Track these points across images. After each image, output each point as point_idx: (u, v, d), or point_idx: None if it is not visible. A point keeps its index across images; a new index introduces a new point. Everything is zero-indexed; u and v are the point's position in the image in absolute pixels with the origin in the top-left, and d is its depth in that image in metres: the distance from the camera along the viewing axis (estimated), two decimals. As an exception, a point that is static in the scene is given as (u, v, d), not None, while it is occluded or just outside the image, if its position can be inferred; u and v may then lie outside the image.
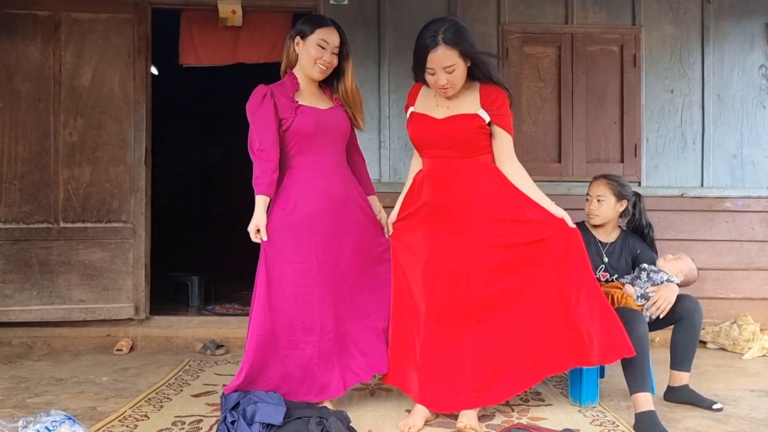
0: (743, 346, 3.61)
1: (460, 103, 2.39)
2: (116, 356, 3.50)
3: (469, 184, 2.37)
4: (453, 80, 2.32)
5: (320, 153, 2.47)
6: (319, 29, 2.43)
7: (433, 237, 2.41)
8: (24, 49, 3.74)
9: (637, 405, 2.37)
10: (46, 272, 3.73)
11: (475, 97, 2.39)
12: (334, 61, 2.46)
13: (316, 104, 2.49)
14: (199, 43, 3.95)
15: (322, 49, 2.42)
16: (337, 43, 2.45)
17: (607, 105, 3.98)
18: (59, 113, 3.75)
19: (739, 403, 2.71)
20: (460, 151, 2.38)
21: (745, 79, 4.01)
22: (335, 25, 2.49)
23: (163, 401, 2.64)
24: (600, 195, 2.76)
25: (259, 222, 2.37)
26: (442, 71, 2.29)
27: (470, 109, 2.37)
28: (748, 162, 4.01)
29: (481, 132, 2.38)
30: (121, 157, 3.80)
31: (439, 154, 2.41)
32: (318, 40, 2.42)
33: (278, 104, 2.43)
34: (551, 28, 3.97)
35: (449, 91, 2.35)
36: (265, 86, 2.47)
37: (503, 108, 2.39)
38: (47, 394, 2.76)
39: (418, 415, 2.38)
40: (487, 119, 2.37)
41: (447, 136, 2.37)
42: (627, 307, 2.54)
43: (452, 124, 2.37)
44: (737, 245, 3.97)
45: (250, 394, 2.20)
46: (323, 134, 2.46)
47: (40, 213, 3.74)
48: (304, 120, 2.42)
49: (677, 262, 2.73)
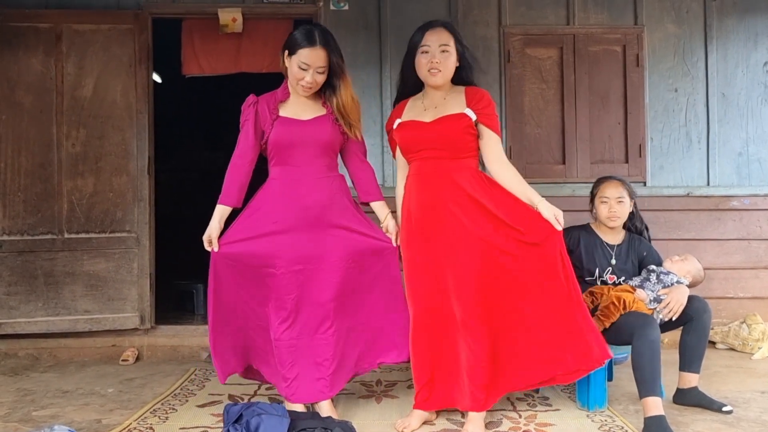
0: (753, 346, 3.58)
1: (447, 104, 2.45)
2: (122, 366, 3.50)
3: (458, 184, 2.40)
4: (445, 62, 2.40)
5: (298, 164, 2.46)
6: (301, 50, 2.38)
7: (425, 240, 2.42)
8: (26, 61, 3.75)
9: (646, 409, 2.35)
10: (51, 283, 3.74)
11: (461, 99, 2.45)
12: (318, 79, 2.42)
13: (299, 115, 2.48)
14: (201, 52, 3.95)
15: (302, 71, 2.39)
16: (321, 63, 2.39)
17: (610, 105, 3.95)
18: (62, 124, 3.76)
19: (750, 405, 2.68)
20: (449, 151, 2.42)
21: (749, 77, 3.98)
22: (323, 42, 2.39)
23: (169, 412, 2.63)
24: (620, 196, 2.74)
25: (211, 233, 2.43)
26: (438, 49, 2.39)
27: (457, 110, 2.43)
28: (754, 160, 3.97)
29: (469, 132, 2.43)
30: (124, 167, 3.80)
31: (429, 155, 2.44)
32: (299, 62, 2.39)
33: (261, 115, 2.46)
34: (553, 29, 3.95)
35: (438, 75, 2.40)
36: (254, 96, 2.50)
37: (489, 108, 2.45)
38: (53, 407, 2.76)
39: (415, 416, 2.42)
40: (474, 118, 2.42)
41: (436, 137, 2.41)
42: (639, 312, 2.51)
43: (441, 125, 2.42)
44: (745, 244, 3.93)
45: (253, 405, 2.19)
46: (302, 146, 2.45)
47: (44, 224, 3.75)
48: (280, 131, 2.44)
49: (684, 263, 2.72)
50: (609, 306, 2.53)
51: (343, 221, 2.49)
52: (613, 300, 2.53)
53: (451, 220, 2.38)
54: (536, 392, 2.84)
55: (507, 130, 3.91)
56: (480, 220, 2.37)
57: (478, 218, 2.37)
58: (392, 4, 3.92)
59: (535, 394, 2.83)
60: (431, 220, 2.40)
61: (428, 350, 2.43)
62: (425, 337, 2.43)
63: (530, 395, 2.80)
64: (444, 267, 2.38)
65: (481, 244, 2.35)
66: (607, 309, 2.52)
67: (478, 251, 2.35)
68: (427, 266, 2.41)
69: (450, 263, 2.37)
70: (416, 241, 2.44)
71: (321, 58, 2.39)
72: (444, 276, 2.38)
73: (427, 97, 2.50)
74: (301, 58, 2.38)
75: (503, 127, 3.90)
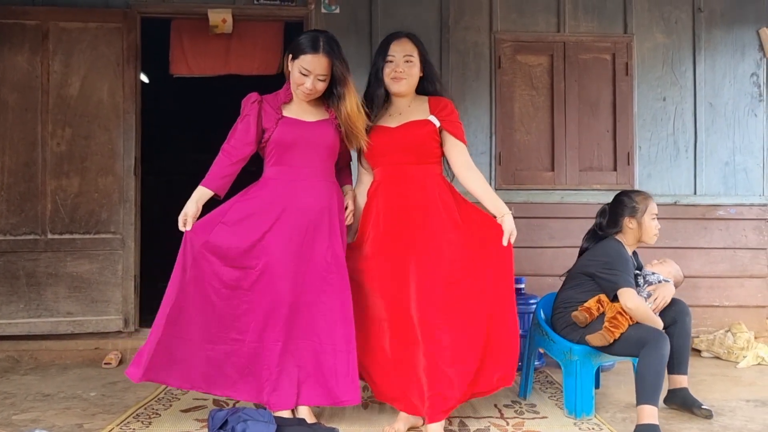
0: (738, 355, 3.60)
1: (412, 112, 2.54)
2: (105, 370, 3.44)
3: (423, 189, 2.47)
4: (409, 71, 2.50)
5: (297, 165, 2.45)
6: (303, 56, 2.37)
7: (388, 242, 2.44)
8: (11, 59, 3.69)
9: (642, 416, 2.35)
10: (33, 284, 3.67)
11: (425, 107, 2.55)
12: (318, 86, 2.41)
13: (302, 116, 2.48)
14: (189, 53, 3.91)
15: (303, 77, 2.39)
16: (322, 71, 2.38)
17: (599, 113, 3.97)
18: (47, 123, 3.70)
19: (735, 414, 2.69)
20: (414, 155, 2.49)
21: (736, 87, 4.02)
22: (327, 50, 2.38)
23: (152, 417, 2.59)
24: (657, 213, 2.78)
25: (188, 212, 2.39)
26: (402, 59, 2.49)
27: (421, 116, 2.52)
28: (740, 169, 4.01)
29: (433, 138, 2.50)
30: (110, 167, 3.75)
31: (395, 160, 2.50)
32: (300, 68, 2.39)
33: (264, 114, 2.45)
34: (543, 36, 3.97)
35: (402, 83, 2.49)
36: (258, 95, 2.49)
37: (453, 115, 2.54)
38: (33, 411, 2.70)
39: (401, 420, 2.43)
40: (438, 124, 2.50)
41: (402, 142, 2.49)
42: (653, 327, 2.50)
43: (406, 130, 2.49)
44: (730, 253, 3.97)
45: (239, 411, 2.16)
46: (303, 147, 2.45)
47: (27, 224, 3.68)
48: (283, 131, 2.44)
49: (664, 265, 2.83)
50: (617, 316, 2.50)
51: (334, 228, 2.46)
52: (619, 310, 2.52)
53: (420, 224, 2.42)
54: (524, 399, 2.84)
55: (496, 136, 3.91)
56: (446, 225, 2.43)
57: (444, 223, 2.43)
58: (383, 8, 3.91)
59: (522, 400, 2.82)
60: (401, 223, 2.44)
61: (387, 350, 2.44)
62: (388, 336, 2.44)
63: (517, 402, 2.80)
64: (409, 270, 2.39)
65: (448, 249, 2.40)
66: (615, 320, 2.50)
67: (445, 256, 2.39)
68: (393, 268, 2.42)
69: (415, 266, 2.38)
70: (384, 242, 2.45)
71: (323, 65, 2.38)
72: (407, 280, 2.39)
73: (393, 105, 2.57)
74: (303, 63, 2.37)
75: (493, 133, 3.91)
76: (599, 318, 2.57)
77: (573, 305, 2.65)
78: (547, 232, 3.88)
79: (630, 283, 2.55)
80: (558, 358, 2.69)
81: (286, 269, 2.38)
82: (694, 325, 2.92)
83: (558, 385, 3.07)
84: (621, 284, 2.53)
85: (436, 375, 2.31)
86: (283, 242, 2.39)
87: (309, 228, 2.41)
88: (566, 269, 2.84)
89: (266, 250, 2.39)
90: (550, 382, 3.16)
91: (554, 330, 2.73)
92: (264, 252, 2.39)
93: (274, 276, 2.38)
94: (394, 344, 2.42)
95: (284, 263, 2.38)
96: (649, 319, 2.51)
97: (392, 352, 2.43)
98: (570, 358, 2.60)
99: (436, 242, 2.40)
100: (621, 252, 2.65)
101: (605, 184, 3.93)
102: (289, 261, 2.39)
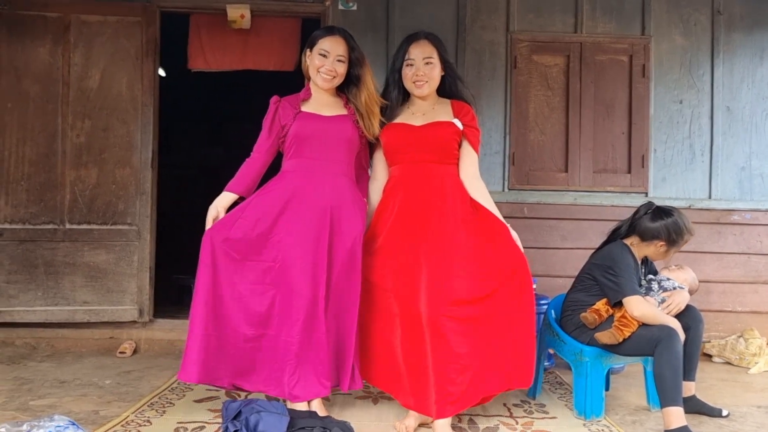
0: (749, 361, 3.58)
1: (436, 113, 2.57)
2: (119, 359, 3.50)
3: (442, 188, 2.49)
4: (429, 74, 2.52)
5: (314, 158, 2.49)
6: (321, 39, 2.48)
7: (403, 239, 2.45)
8: (33, 50, 3.75)
9: (669, 420, 2.34)
10: (51, 273, 3.74)
11: (448, 110, 2.58)
12: (338, 69, 2.49)
13: (321, 111, 2.53)
14: (207, 47, 3.95)
15: (323, 58, 2.47)
16: (341, 52, 2.47)
17: (615, 115, 3.96)
18: (67, 115, 3.76)
19: (746, 420, 2.68)
20: (437, 154, 2.52)
21: (754, 92, 3.99)
22: (343, 33, 2.50)
23: (166, 406, 2.63)
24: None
25: (219, 210, 2.45)
26: (422, 62, 2.50)
27: (445, 118, 2.55)
28: (756, 174, 3.98)
29: (455, 139, 2.54)
30: (128, 160, 3.80)
31: (417, 158, 2.52)
32: (319, 50, 2.48)
33: (282, 113, 2.51)
34: (560, 37, 3.96)
35: (424, 86, 2.52)
36: (278, 97, 2.55)
37: (474, 121, 2.59)
38: (50, 397, 2.76)
39: (411, 416, 2.44)
40: (461, 127, 2.54)
41: (425, 141, 2.51)
42: (667, 326, 2.49)
43: (431, 129, 2.52)
44: (744, 258, 3.95)
45: (252, 402, 2.19)
46: (320, 139, 2.49)
47: (47, 214, 3.75)
48: (301, 124, 2.49)
49: (681, 272, 2.80)
50: (626, 315, 2.51)
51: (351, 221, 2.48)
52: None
53: (437, 222, 2.44)
54: (533, 399, 2.85)
55: (511, 136, 3.92)
56: (461, 225, 2.44)
57: (459, 223, 2.45)
58: (401, 6, 3.93)
59: (531, 400, 2.83)
60: (419, 220, 2.45)
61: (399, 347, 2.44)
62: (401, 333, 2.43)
63: (527, 402, 2.81)
64: (421, 267, 2.39)
65: (464, 249, 2.41)
66: (624, 318, 2.51)
67: (459, 255, 2.39)
68: (406, 265, 2.42)
69: (427, 262, 2.38)
70: (399, 239, 2.46)
71: (340, 45, 2.47)
72: (419, 276, 2.38)
73: (415, 105, 2.60)
74: (321, 45, 2.47)
75: (507, 133, 3.92)
76: (608, 319, 2.58)
77: (581, 307, 2.65)
78: (560, 233, 3.88)
79: (635, 290, 2.54)
80: (569, 359, 2.69)
81: (304, 262, 2.41)
82: (706, 330, 2.92)
83: (568, 386, 3.08)
84: (626, 293, 2.53)
85: (446, 372, 2.31)
86: (298, 236, 2.42)
87: (323, 220, 2.44)
88: (578, 271, 2.84)
89: (283, 245, 2.42)
90: (560, 382, 3.17)
91: (564, 331, 2.73)
92: (281, 246, 2.42)
93: (294, 271, 2.41)
94: (405, 340, 2.43)
95: (303, 257, 2.41)
96: (659, 321, 2.51)
97: (403, 347, 2.44)
98: (581, 359, 2.61)
99: (451, 240, 2.41)
100: (625, 257, 2.63)
101: (619, 187, 3.92)
102: (308, 254, 2.41)
